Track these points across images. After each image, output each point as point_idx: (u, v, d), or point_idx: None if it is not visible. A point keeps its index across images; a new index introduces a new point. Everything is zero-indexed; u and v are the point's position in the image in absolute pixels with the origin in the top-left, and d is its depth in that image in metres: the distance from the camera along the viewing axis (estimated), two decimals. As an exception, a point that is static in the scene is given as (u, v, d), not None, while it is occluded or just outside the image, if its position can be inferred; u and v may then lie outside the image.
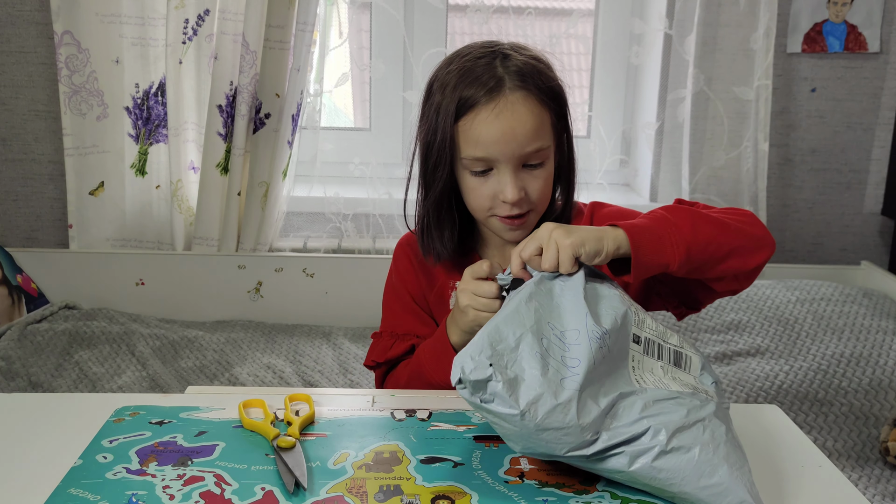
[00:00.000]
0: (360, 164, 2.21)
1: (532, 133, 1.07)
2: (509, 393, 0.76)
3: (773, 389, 1.75)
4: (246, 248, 2.15)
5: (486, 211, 1.11)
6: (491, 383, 0.76)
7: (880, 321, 1.96)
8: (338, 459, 0.85)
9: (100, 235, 2.16)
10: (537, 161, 1.09)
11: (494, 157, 1.07)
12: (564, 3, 2.35)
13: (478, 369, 0.77)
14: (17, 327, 1.92)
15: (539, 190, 1.10)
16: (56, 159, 2.15)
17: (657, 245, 0.94)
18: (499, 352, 0.79)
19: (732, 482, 0.77)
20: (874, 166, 2.31)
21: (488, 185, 1.09)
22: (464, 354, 0.78)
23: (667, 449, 0.78)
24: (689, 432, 0.79)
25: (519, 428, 0.77)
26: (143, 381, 1.81)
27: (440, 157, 1.10)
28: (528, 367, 0.79)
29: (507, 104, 1.06)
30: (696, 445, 0.78)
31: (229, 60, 2.01)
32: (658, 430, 0.78)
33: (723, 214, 1.04)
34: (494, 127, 1.06)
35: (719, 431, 0.80)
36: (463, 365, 0.77)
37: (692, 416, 0.81)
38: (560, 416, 0.77)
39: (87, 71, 2.04)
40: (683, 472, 0.77)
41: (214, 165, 2.07)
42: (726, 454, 0.79)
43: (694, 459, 0.77)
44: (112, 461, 0.84)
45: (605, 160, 2.27)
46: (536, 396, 0.77)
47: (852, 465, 1.54)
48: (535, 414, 0.77)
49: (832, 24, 2.20)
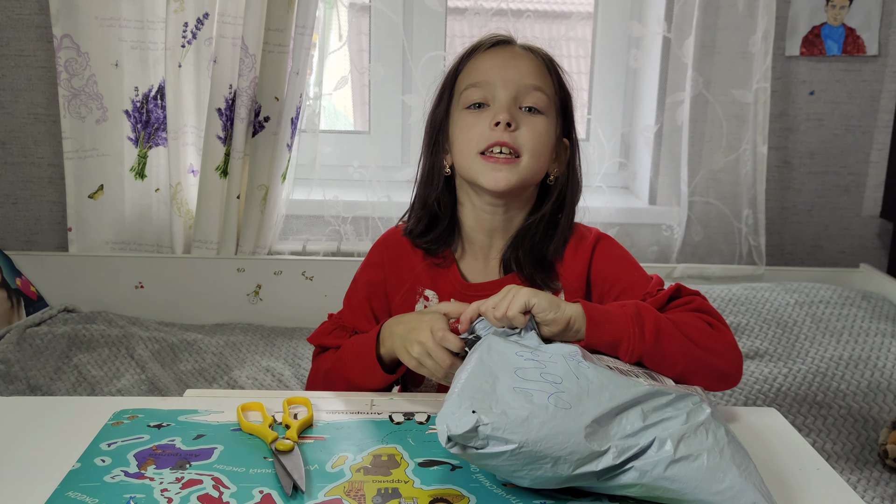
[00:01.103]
0: (360, 167, 2.21)
1: (535, 70, 1.08)
2: (501, 430, 0.75)
3: (772, 392, 1.75)
4: (245, 251, 2.15)
5: (475, 147, 1.06)
6: (480, 428, 0.75)
7: (879, 324, 1.96)
8: (336, 462, 0.86)
9: (99, 239, 2.16)
10: (535, 103, 1.07)
11: (492, 80, 1.06)
12: (563, 6, 2.36)
13: (462, 421, 0.75)
14: (17, 330, 1.92)
15: (534, 133, 1.06)
16: (55, 163, 2.15)
17: (611, 340, 0.94)
18: (478, 399, 0.77)
19: (742, 484, 0.77)
20: (873, 169, 2.32)
21: (482, 117, 1.06)
22: (443, 416, 0.77)
23: (675, 458, 0.78)
24: (693, 439, 0.79)
25: (523, 459, 0.76)
26: (142, 385, 1.81)
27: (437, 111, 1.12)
28: (512, 401, 0.78)
29: (512, 48, 1.10)
30: (703, 452, 0.78)
31: (228, 64, 2.01)
32: (664, 441, 0.78)
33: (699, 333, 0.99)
34: (497, 56, 1.08)
35: (720, 434, 0.81)
36: (447, 425, 0.75)
37: (692, 421, 0.81)
38: (560, 429, 0.76)
39: (86, 74, 2.05)
40: (696, 481, 0.77)
41: (214, 169, 2.07)
42: (732, 456, 0.79)
43: (703, 466, 0.78)
44: (110, 464, 0.84)
45: (604, 163, 2.27)
46: (529, 419, 0.76)
47: (851, 467, 1.54)
48: (534, 436, 0.75)
49: (830, 27, 2.20)
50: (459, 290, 1.12)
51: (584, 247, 1.12)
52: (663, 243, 2.30)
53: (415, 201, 1.16)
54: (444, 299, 1.12)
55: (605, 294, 1.10)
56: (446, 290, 1.13)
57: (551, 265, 1.12)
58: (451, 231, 1.15)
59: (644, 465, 0.78)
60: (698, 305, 1.04)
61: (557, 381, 0.81)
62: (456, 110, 1.10)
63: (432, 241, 1.14)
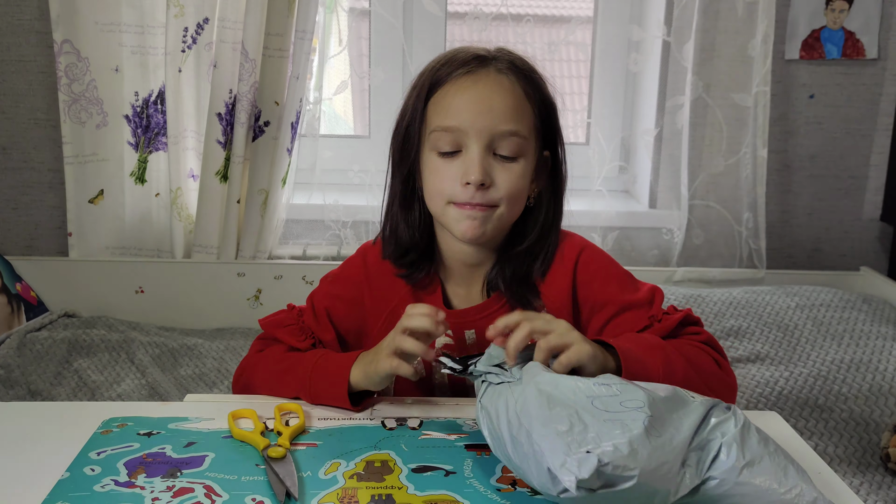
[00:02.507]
0: (360, 171, 2.21)
1: (510, 112, 0.98)
2: (620, 465, 0.72)
3: (773, 396, 1.74)
4: (245, 255, 2.15)
5: (445, 198, 1.00)
6: (602, 467, 0.71)
7: (880, 327, 1.95)
8: (329, 469, 0.85)
9: (99, 243, 2.16)
10: (510, 151, 0.99)
11: (464, 127, 0.97)
12: (563, 10, 2.36)
13: (583, 464, 0.71)
14: (17, 335, 1.92)
15: (509, 183, 0.99)
16: (55, 167, 2.16)
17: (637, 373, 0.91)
18: (579, 439, 0.73)
19: (802, 482, 0.76)
20: (873, 172, 2.31)
21: (454, 166, 0.99)
22: (555, 460, 0.73)
23: (746, 462, 0.76)
24: (749, 441, 0.77)
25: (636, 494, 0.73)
26: (143, 389, 1.81)
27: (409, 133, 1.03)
28: (612, 432, 0.74)
29: (487, 75, 0.99)
30: (764, 455, 0.77)
31: (228, 68, 2.02)
32: (730, 446, 0.76)
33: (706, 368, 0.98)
34: (469, 94, 0.98)
35: (767, 435, 0.79)
36: (566, 468, 0.71)
37: (740, 425, 0.79)
38: (662, 459, 0.74)
39: (86, 79, 2.05)
40: (765, 484, 0.75)
41: (214, 173, 2.07)
42: (785, 455, 0.78)
43: (769, 469, 0.76)
44: (100, 473, 0.84)
45: (604, 167, 2.27)
46: (636, 451, 0.73)
47: (853, 471, 1.54)
48: (645, 466, 0.72)
49: (830, 30, 2.20)
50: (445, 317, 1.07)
51: (566, 264, 1.07)
52: (663, 247, 2.29)
53: (386, 227, 1.09)
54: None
55: (596, 314, 1.07)
56: None
57: (534, 285, 1.07)
58: (431, 256, 1.10)
59: (721, 474, 0.76)
60: (707, 339, 1.02)
61: (641, 406, 0.77)
62: (426, 145, 1.02)
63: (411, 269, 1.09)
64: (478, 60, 1.01)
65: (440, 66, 1.02)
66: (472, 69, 1.00)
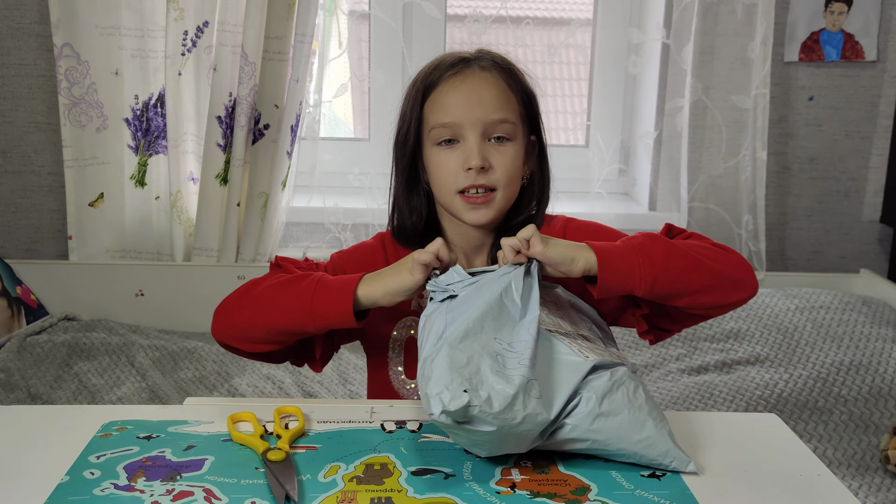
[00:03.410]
0: (360, 174, 2.22)
1: (498, 101, 1.09)
2: (486, 415, 0.81)
3: (773, 398, 1.74)
4: (245, 258, 2.15)
5: (452, 187, 1.10)
6: (469, 409, 0.80)
7: (880, 329, 1.96)
8: (328, 472, 0.85)
9: (99, 247, 2.16)
10: (503, 133, 1.10)
11: (459, 121, 1.08)
12: (562, 13, 2.36)
13: (456, 399, 0.80)
14: (17, 339, 1.92)
15: (505, 165, 1.10)
16: (56, 171, 2.16)
17: (625, 273, 0.99)
18: (466, 376, 0.83)
19: (657, 435, 0.87)
20: (872, 174, 2.31)
21: (454, 156, 1.09)
22: (436, 386, 0.82)
23: (600, 412, 0.86)
24: (614, 395, 0.87)
25: (493, 438, 0.83)
26: (143, 393, 1.81)
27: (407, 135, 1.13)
28: (496, 384, 0.83)
29: (472, 74, 1.11)
30: (623, 408, 0.87)
31: (228, 72, 2.02)
32: (589, 398, 0.87)
33: (706, 251, 1.04)
34: (459, 92, 1.09)
35: (639, 391, 0.89)
36: (442, 399, 0.80)
37: (614, 378, 0.89)
38: (533, 419, 0.83)
39: (86, 83, 2.05)
40: (618, 431, 0.86)
41: (214, 176, 2.08)
42: (649, 411, 0.88)
43: (625, 420, 0.87)
44: (99, 477, 0.84)
45: (604, 169, 2.27)
46: (509, 407, 0.82)
47: (852, 473, 1.54)
48: (510, 423, 0.82)
49: (829, 33, 2.20)
50: None
51: (556, 232, 1.17)
52: (663, 249, 2.29)
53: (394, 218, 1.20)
54: None
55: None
56: None
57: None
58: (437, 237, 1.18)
59: (574, 420, 0.86)
60: (698, 236, 1.09)
61: (528, 366, 0.86)
62: (427, 142, 1.13)
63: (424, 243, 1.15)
64: (463, 62, 1.13)
65: (430, 71, 1.14)
66: (458, 70, 1.11)
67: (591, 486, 0.84)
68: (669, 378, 1.88)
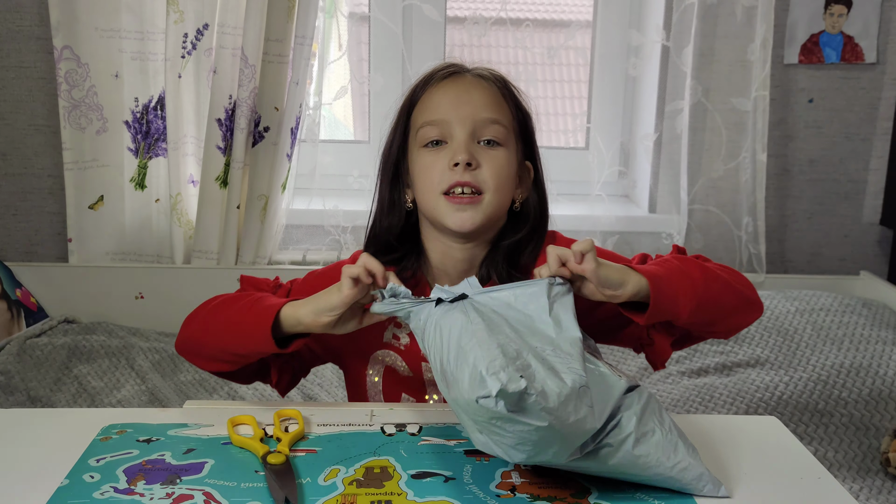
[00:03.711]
0: (360, 176, 2.22)
1: (489, 102, 1.05)
2: (539, 406, 0.75)
3: (773, 400, 1.74)
4: (245, 261, 2.15)
5: (437, 187, 1.04)
6: (525, 396, 0.74)
7: (880, 331, 1.95)
8: (328, 475, 0.85)
9: (99, 249, 2.16)
10: (494, 136, 1.05)
11: (447, 118, 1.04)
12: (562, 15, 2.36)
13: (512, 381, 0.74)
14: (17, 342, 1.92)
15: (494, 168, 1.04)
16: (55, 173, 2.16)
17: (673, 298, 0.94)
18: (518, 367, 0.76)
19: (690, 457, 0.84)
20: (872, 176, 2.31)
21: (441, 156, 1.04)
22: (489, 366, 0.75)
23: (640, 434, 0.82)
24: (647, 416, 0.84)
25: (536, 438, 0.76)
26: (143, 395, 1.81)
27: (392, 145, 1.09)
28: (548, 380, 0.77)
29: (463, 78, 1.07)
30: (655, 428, 0.84)
31: (228, 74, 2.02)
32: (630, 418, 0.83)
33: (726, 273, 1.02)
34: (449, 90, 1.06)
35: (664, 412, 0.86)
36: (498, 376, 0.74)
37: (642, 401, 0.85)
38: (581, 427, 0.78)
39: (86, 85, 2.05)
40: (656, 454, 0.82)
41: (214, 179, 2.08)
42: (679, 433, 0.85)
43: (659, 442, 0.83)
44: (99, 480, 0.84)
45: (604, 172, 2.27)
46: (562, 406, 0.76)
47: (853, 476, 1.54)
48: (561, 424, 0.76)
49: (829, 35, 2.20)
50: None
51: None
52: (663, 251, 2.28)
53: (371, 235, 1.14)
54: None
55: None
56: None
57: (526, 268, 1.09)
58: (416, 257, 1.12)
59: (614, 440, 0.82)
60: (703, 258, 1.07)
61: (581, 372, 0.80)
62: (413, 147, 1.08)
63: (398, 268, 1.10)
64: (454, 66, 1.10)
65: (419, 82, 1.10)
66: (449, 73, 1.08)
67: (591, 489, 0.84)
68: (669, 381, 1.88)
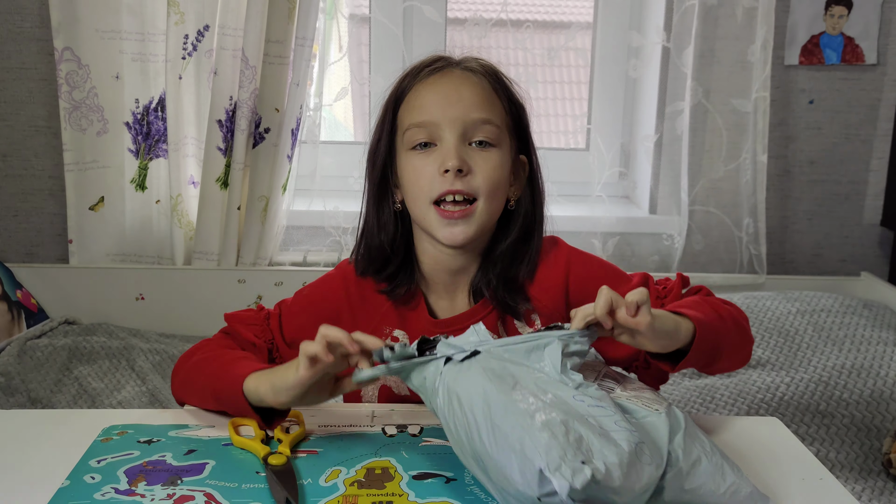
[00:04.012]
0: (360, 177, 2.19)
1: (480, 101, 0.99)
2: (609, 486, 0.70)
3: (774, 401, 1.74)
4: (246, 262, 2.15)
5: (427, 195, 0.98)
6: (594, 484, 0.69)
7: (881, 332, 1.95)
8: (329, 476, 0.85)
9: (100, 250, 2.16)
10: (486, 137, 0.99)
11: (436, 119, 0.98)
12: (563, 16, 2.36)
13: (577, 473, 0.68)
14: (17, 343, 1.92)
15: (487, 172, 0.98)
16: (56, 174, 2.16)
17: (715, 347, 0.92)
18: (573, 445, 0.71)
19: (737, 477, 0.79)
20: (873, 177, 2.31)
21: (430, 160, 0.98)
22: (548, 460, 0.69)
23: (688, 468, 0.78)
24: (689, 444, 0.79)
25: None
26: (143, 397, 1.81)
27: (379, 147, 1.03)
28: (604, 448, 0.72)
29: (453, 72, 1.01)
30: (701, 455, 0.79)
31: (229, 75, 2.02)
32: (677, 454, 0.78)
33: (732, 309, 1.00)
34: (437, 88, 0.99)
35: (702, 435, 0.81)
36: (561, 473, 0.68)
37: (676, 427, 0.80)
38: (644, 484, 0.74)
39: (87, 87, 2.05)
40: (708, 484, 0.77)
41: (214, 180, 2.08)
42: (720, 453, 0.80)
43: (708, 469, 0.78)
44: (100, 481, 0.84)
45: (605, 173, 2.27)
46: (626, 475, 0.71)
47: (855, 477, 1.54)
48: (627, 489, 0.71)
49: (829, 36, 2.21)
50: (429, 329, 1.05)
51: (557, 266, 1.07)
52: (664, 252, 2.29)
53: (362, 242, 1.07)
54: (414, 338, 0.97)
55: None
56: (416, 328, 1.06)
57: (522, 287, 1.05)
58: (410, 269, 1.07)
59: (671, 477, 0.77)
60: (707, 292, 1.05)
61: (633, 430, 0.76)
62: (401, 149, 1.02)
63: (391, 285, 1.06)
64: (443, 60, 1.03)
65: (405, 75, 1.03)
66: (437, 68, 1.01)
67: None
68: (670, 382, 1.88)
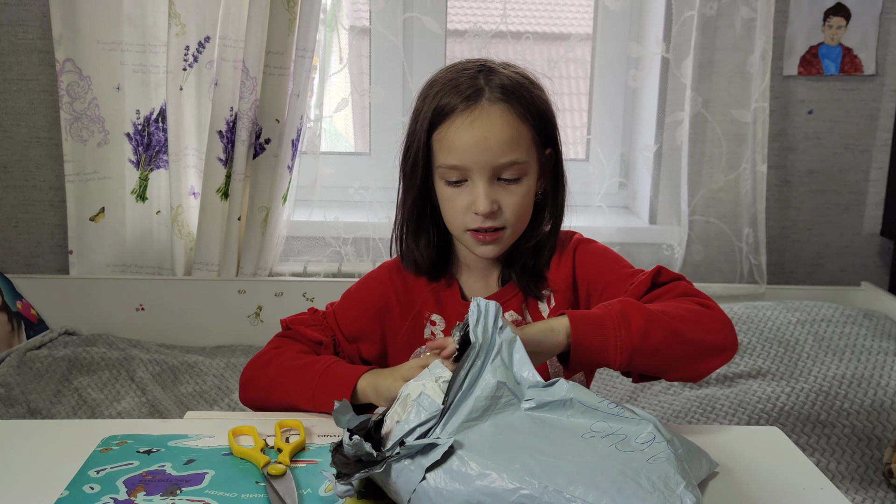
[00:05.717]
0: (360, 188, 2.22)
1: (507, 144, 1.05)
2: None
3: (775, 411, 1.74)
4: (246, 272, 2.15)
5: (461, 224, 1.09)
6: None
7: (881, 342, 1.95)
8: (329, 486, 0.85)
9: (100, 261, 2.16)
10: (513, 175, 1.07)
11: (467, 165, 1.06)
12: (562, 28, 2.37)
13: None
14: (17, 354, 1.92)
15: (514, 206, 1.08)
16: (57, 185, 2.16)
17: (601, 347, 0.96)
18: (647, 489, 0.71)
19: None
20: (872, 187, 2.32)
21: (462, 195, 1.08)
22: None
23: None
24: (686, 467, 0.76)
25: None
26: (143, 407, 1.81)
27: (416, 163, 1.11)
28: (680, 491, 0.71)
29: (482, 112, 1.06)
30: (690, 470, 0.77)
31: (230, 86, 2.03)
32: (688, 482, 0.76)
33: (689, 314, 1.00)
34: (468, 134, 1.05)
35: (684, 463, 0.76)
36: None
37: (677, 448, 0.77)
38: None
39: (88, 98, 2.06)
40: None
41: (215, 191, 2.08)
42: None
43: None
44: (99, 492, 0.83)
45: (604, 183, 2.27)
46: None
47: (855, 487, 1.53)
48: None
49: (828, 46, 2.21)
50: (462, 311, 1.13)
51: (567, 252, 1.17)
52: (664, 262, 2.29)
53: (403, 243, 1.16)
54: (449, 321, 1.15)
55: (592, 291, 1.14)
56: (451, 311, 1.16)
57: (542, 274, 1.16)
58: (448, 256, 1.18)
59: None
60: (683, 290, 1.07)
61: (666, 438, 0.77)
62: (436, 174, 1.11)
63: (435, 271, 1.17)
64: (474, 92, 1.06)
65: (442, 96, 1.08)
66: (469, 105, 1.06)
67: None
68: (671, 392, 1.88)
